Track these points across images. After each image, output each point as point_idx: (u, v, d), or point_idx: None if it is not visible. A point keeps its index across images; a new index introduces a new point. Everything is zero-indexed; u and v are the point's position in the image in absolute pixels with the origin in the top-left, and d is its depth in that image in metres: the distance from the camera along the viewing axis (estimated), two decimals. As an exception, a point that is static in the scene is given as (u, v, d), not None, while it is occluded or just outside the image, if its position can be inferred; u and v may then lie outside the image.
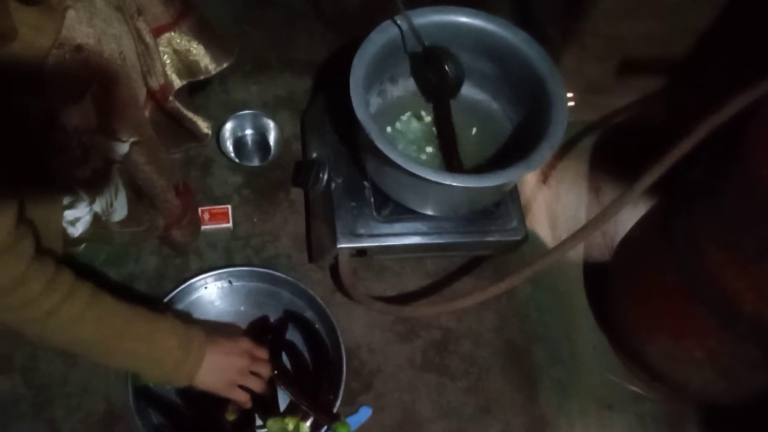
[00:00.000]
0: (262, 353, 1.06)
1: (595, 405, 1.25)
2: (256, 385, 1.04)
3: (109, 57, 0.85)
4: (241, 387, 1.02)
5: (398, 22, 1.11)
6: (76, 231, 0.96)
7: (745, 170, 0.89)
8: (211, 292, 1.24)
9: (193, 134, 1.26)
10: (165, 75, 1.11)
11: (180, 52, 1.12)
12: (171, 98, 1.14)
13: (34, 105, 0.77)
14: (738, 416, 1.21)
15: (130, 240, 1.12)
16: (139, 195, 1.04)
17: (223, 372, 0.99)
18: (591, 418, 1.23)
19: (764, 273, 0.89)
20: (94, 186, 0.93)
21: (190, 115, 1.22)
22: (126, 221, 1.05)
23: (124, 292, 1.21)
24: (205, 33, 1.14)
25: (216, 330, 1.02)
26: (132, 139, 0.91)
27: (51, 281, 0.81)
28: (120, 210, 1.02)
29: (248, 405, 1.05)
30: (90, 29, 0.81)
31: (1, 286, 0.76)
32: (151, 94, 1.09)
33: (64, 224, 0.94)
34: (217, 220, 1.32)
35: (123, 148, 0.91)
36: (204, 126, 1.26)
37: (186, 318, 1.14)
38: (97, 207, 0.97)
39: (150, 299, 1.21)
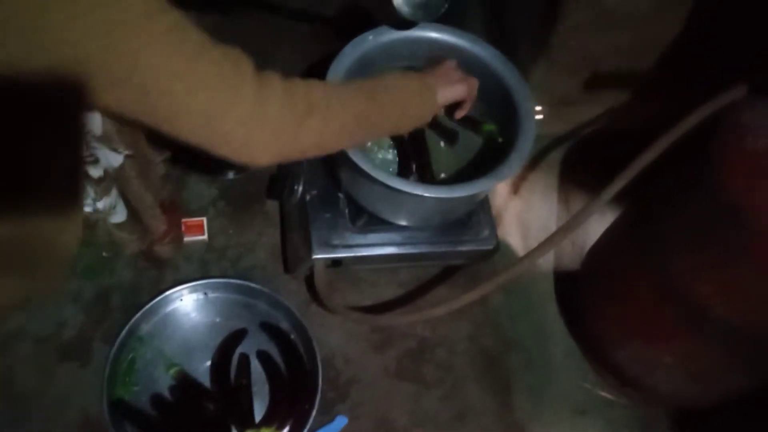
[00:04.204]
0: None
1: (568, 411, 1.27)
2: (474, 84, 1.07)
3: None
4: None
5: (371, 37, 1.13)
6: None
7: (708, 178, 0.92)
8: (187, 304, 1.25)
9: None
10: None
11: None
12: None
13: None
14: (708, 419, 1.23)
15: (112, 246, 1.11)
16: (129, 207, 1.05)
17: (451, 86, 1.02)
18: (564, 424, 1.26)
19: (729, 278, 0.92)
20: (103, 186, 0.94)
21: None
22: (122, 226, 1.05)
23: (100, 304, 1.23)
24: None
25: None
26: (126, 152, 0.92)
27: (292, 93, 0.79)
28: (120, 213, 1.03)
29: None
30: None
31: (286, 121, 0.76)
32: None
33: None
34: (193, 233, 1.32)
35: (117, 159, 0.92)
36: None
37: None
38: (101, 204, 0.97)
39: (126, 311, 1.21)
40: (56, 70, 0.63)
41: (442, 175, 1.22)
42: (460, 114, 1.11)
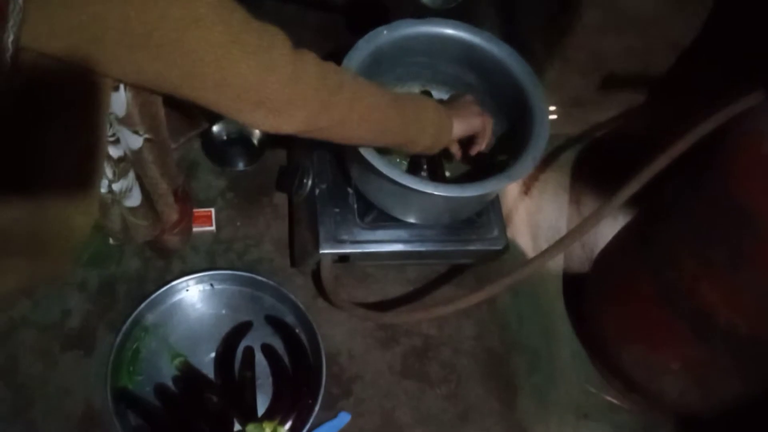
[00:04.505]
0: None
1: (572, 414, 1.26)
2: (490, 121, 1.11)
3: None
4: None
5: (385, 32, 1.13)
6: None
7: (718, 183, 0.91)
8: (193, 295, 1.25)
9: (194, 122, 1.24)
10: None
11: None
12: None
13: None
14: (713, 426, 1.23)
15: (123, 231, 1.11)
16: (144, 193, 1.05)
17: (468, 117, 1.06)
18: (568, 427, 1.25)
19: (736, 285, 0.92)
20: (122, 166, 0.94)
21: None
22: (136, 210, 1.05)
23: (106, 293, 1.23)
24: None
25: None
26: (146, 136, 0.91)
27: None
28: (135, 197, 1.02)
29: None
30: None
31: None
32: None
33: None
34: (201, 223, 1.32)
35: (137, 141, 0.91)
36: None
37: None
38: (117, 186, 0.97)
39: (132, 301, 1.21)
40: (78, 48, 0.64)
41: (447, 174, 1.21)
42: (475, 150, 1.11)
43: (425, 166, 1.17)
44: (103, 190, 0.97)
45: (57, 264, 0.90)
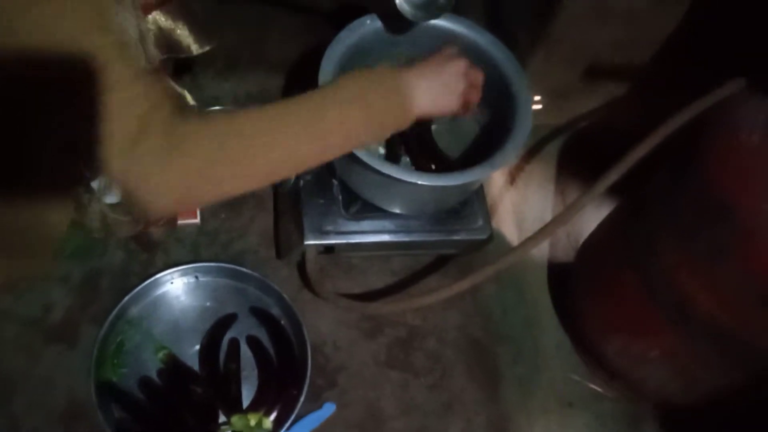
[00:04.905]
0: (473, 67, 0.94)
1: (556, 403, 1.27)
2: (477, 97, 0.94)
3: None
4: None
5: (368, 21, 1.12)
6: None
7: (697, 174, 0.92)
8: (177, 288, 1.24)
9: None
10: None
11: (164, 30, 1.12)
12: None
13: None
14: (694, 415, 1.23)
15: (104, 228, 1.10)
16: None
17: (445, 95, 0.88)
18: (552, 416, 1.26)
19: (716, 275, 0.92)
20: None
21: (178, 89, 1.18)
22: (116, 207, 1.04)
23: (89, 287, 1.22)
24: (189, 16, 1.14)
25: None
26: None
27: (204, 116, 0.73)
28: (115, 193, 1.01)
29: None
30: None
31: None
32: None
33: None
34: (185, 216, 1.31)
35: None
36: (190, 99, 1.24)
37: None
38: (95, 183, 0.96)
39: (115, 294, 1.20)
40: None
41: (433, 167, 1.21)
42: (464, 111, 0.95)
43: (404, 150, 1.17)
44: (82, 188, 0.96)
45: (35, 261, 0.89)
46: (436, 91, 0.87)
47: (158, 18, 1.10)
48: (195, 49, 1.16)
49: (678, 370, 1.12)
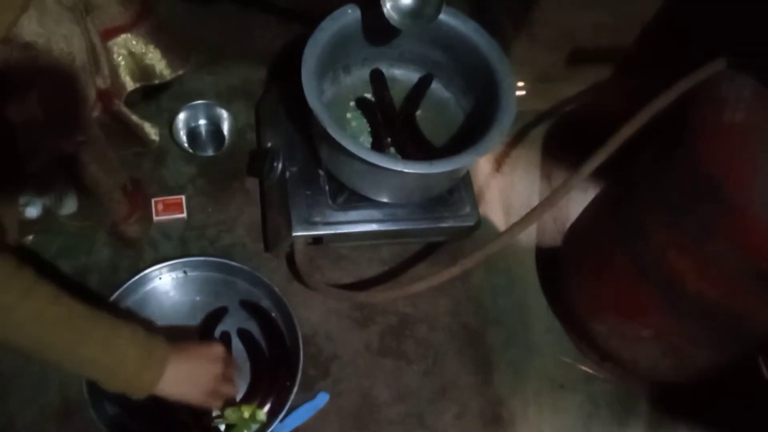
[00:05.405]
0: (231, 359, 1.01)
1: (548, 386, 1.28)
2: (230, 391, 0.99)
3: (59, 56, 0.84)
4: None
5: (350, 10, 1.12)
6: (33, 213, 0.94)
7: (684, 153, 0.92)
8: (166, 283, 1.24)
9: (140, 139, 1.20)
10: (117, 76, 1.08)
11: (135, 55, 1.09)
12: (117, 102, 1.08)
13: None
14: (685, 393, 1.25)
15: (80, 232, 1.10)
16: (86, 193, 1.03)
17: (193, 381, 0.92)
18: (544, 398, 1.27)
19: (705, 253, 0.93)
20: (43, 181, 0.92)
21: (136, 120, 1.15)
22: (74, 215, 1.04)
23: (77, 284, 1.21)
24: (163, 37, 1.10)
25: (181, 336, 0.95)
26: (79, 139, 0.90)
27: (10, 276, 0.75)
28: (70, 204, 1.01)
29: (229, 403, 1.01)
30: (40, 29, 0.81)
31: None
32: (98, 94, 1.07)
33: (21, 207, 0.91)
34: (171, 211, 1.31)
35: (69, 146, 0.90)
36: (152, 132, 1.20)
37: (151, 327, 1.04)
38: (46, 200, 0.96)
39: (104, 291, 1.19)
40: None
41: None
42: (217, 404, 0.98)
43: (390, 139, 1.17)
44: (32, 208, 0.95)
45: None
46: (187, 384, 0.91)
47: (129, 42, 1.07)
48: (168, 74, 1.14)
49: (669, 348, 1.13)
